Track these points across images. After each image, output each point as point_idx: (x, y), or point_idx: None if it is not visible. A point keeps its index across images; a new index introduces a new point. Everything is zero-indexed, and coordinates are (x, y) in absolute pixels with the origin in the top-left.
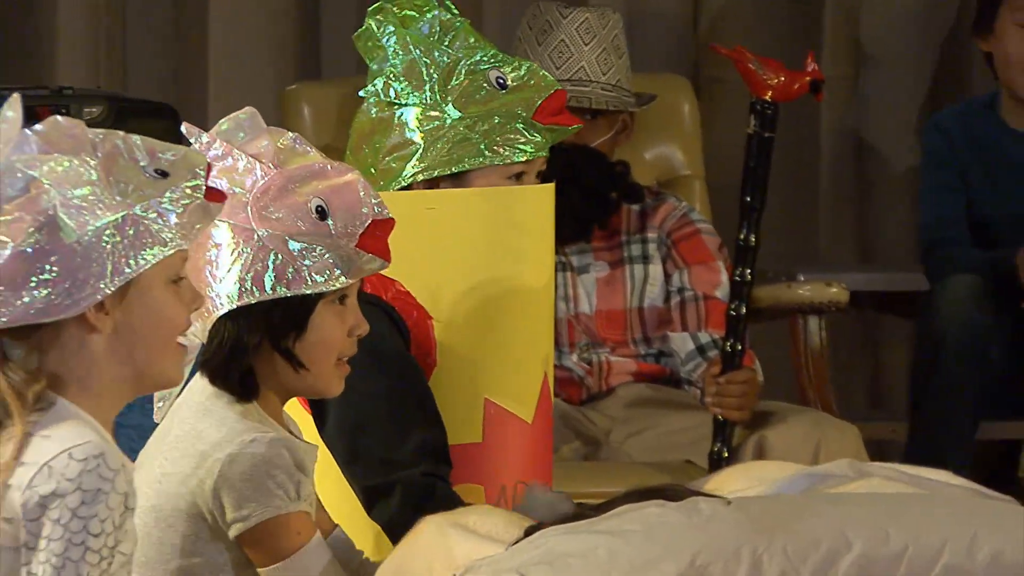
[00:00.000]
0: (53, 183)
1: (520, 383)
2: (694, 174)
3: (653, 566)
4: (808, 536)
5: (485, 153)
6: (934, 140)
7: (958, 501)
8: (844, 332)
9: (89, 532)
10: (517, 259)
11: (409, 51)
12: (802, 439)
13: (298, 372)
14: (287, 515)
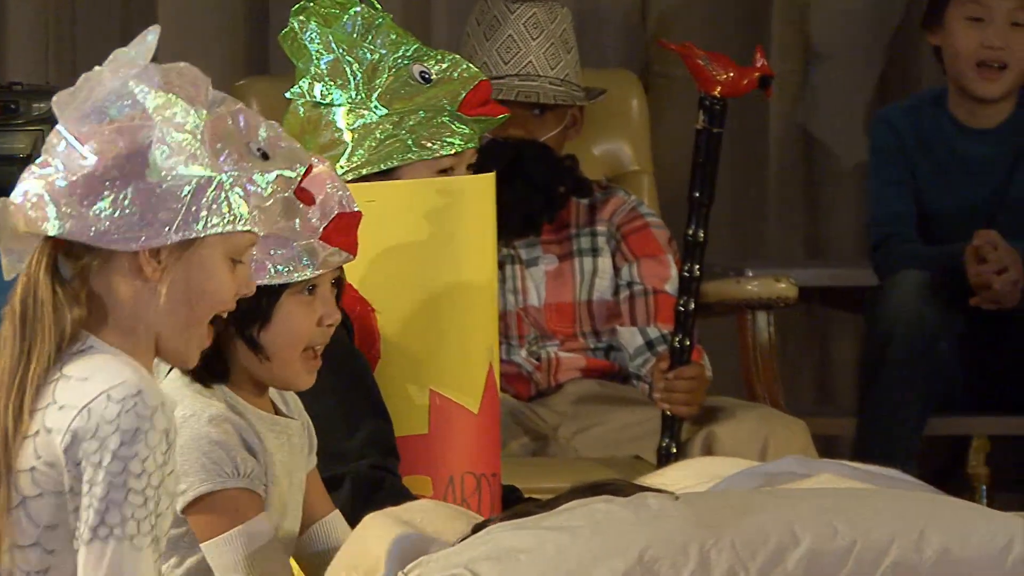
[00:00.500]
0: (158, 119)
1: (465, 373)
2: (643, 169)
3: (601, 562)
4: (756, 531)
5: (413, 148)
6: (882, 135)
7: (906, 497)
8: (792, 327)
9: (131, 472)
10: (459, 249)
11: (332, 50)
12: (750, 435)
13: (262, 362)
14: (224, 491)
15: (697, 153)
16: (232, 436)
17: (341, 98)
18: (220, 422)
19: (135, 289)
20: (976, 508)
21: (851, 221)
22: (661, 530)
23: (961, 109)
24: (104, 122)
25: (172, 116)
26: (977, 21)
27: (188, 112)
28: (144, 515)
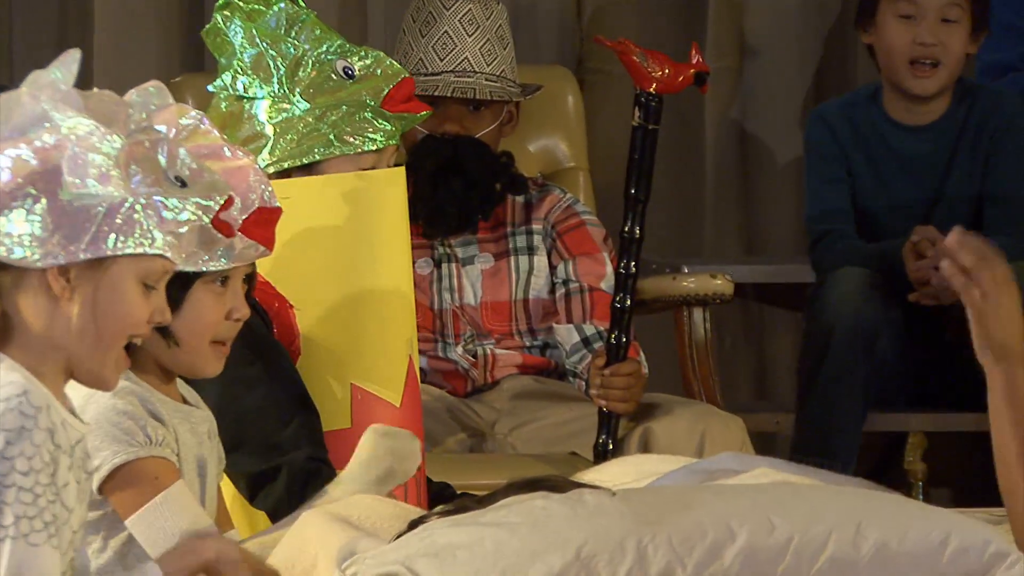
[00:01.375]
0: (73, 139)
1: (386, 367)
2: (578, 166)
3: (539, 558)
4: (694, 527)
5: (335, 143)
6: (818, 133)
7: (844, 493)
8: (729, 324)
9: (17, 471)
10: (373, 243)
11: (256, 44)
12: (687, 431)
13: (171, 349)
14: (139, 461)
15: (633, 150)
16: (138, 407)
17: (263, 92)
18: (125, 394)
19: (45, 309)
20: (913, 504)
21: (787, 218)
22: (598, 526)
23: (896, 106)
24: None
25: (87, 136)
26: (908, 19)
27: (104, 136)
28: (35, 512)
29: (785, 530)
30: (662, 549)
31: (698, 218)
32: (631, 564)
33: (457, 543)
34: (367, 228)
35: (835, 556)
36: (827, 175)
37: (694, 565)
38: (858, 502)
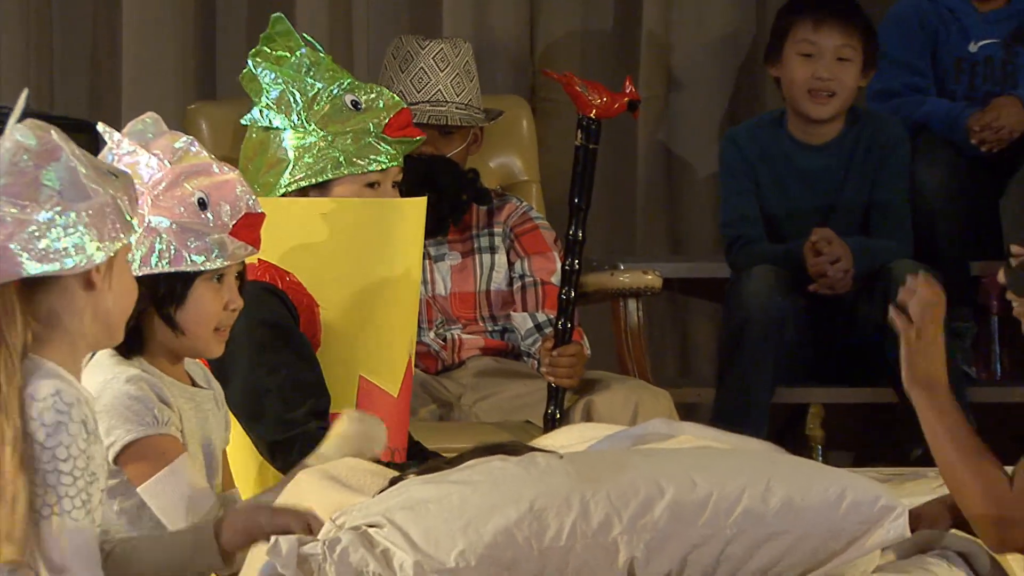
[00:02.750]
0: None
1: (389, 363)
2: (531, 179)
3: (498, 510)
4: (628, 485)
5: (344, 164)
6: (730, 151)
7: (755, 455)
8: (658, 312)
9: (58, 458)
10: (392, 259)
11: (279, 84)
12: (623, 403)
13: (177, 336)
14: (148, 438)
15: (576, 165)
16: (148, 391)
17: (285, 123)
18: (136, 381)
19: (81, 304)
20: (813, 464)
21: (706, 223)
22: (548, 484)
23: (797, 129)
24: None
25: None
26: (809, 56)
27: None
28: (75, 492)
29: (705, 487)
30: (602, 503)
31: (631, 223)
32: (576, 516)
33: (429, 498)
34: (389, 246)
35: (748, 509)
36: (738, 187)
37: (629, 517)
38: (767, 463)
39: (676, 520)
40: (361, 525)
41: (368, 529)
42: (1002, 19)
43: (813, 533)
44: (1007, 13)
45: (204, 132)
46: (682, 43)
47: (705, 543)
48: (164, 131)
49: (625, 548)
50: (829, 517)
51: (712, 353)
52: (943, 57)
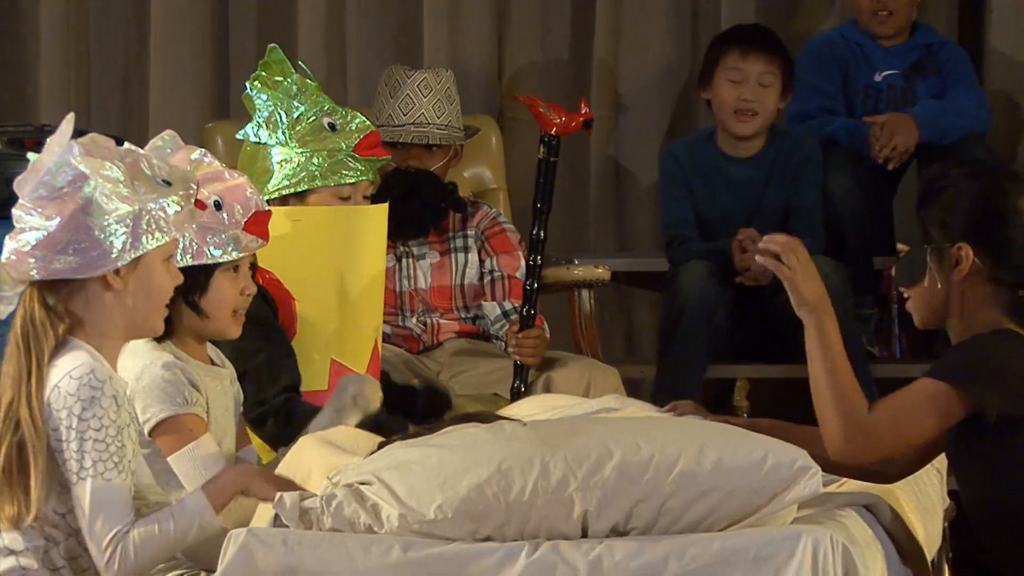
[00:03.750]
0: (94, 175)
1: (356, 347)
2: (499, 187)
3: (471, 470)
4: (582, 448)
5: (319, 177)
6: (669, 164)
7: (690, 423)
8: (607, 301)
9: (92, 428)
10: (358, 258)
11: (270, 106)
12: (577, 378)
13: (202, 320)
14: (177, 416)
15: (539, 176)
16: (180, 376)
17: (272, 139)
18: (171, 367)
19: (106, 299)
20: (740, 431)
21: (648, 224)
22: (514, 447)
23: (726, 144)
24: (54, 193)
25: (103, 169)
26: (736, 82)
27: (111, 166)
28: (107, 456)
29: (648, 450)
30: (559, 464)
31: (584, 224)
32: (537, 475)
33: (412, 459)
34: (355, 246)
35: (684, 470)
36: (675, 194)
37: (582, 476)
38: (701, 429)
39: (623, 478)
40: (354, 483)
41: (360, 486)
42: (902, 53)
43: (740, 490)
44: (906, 48)
45: (219, 147)
46: (627, 71)
47: (648, 498)
48: (181, 146)
49: (580, 502)
50: (754, 476)
51: (653, 335)
52: (852, 85)
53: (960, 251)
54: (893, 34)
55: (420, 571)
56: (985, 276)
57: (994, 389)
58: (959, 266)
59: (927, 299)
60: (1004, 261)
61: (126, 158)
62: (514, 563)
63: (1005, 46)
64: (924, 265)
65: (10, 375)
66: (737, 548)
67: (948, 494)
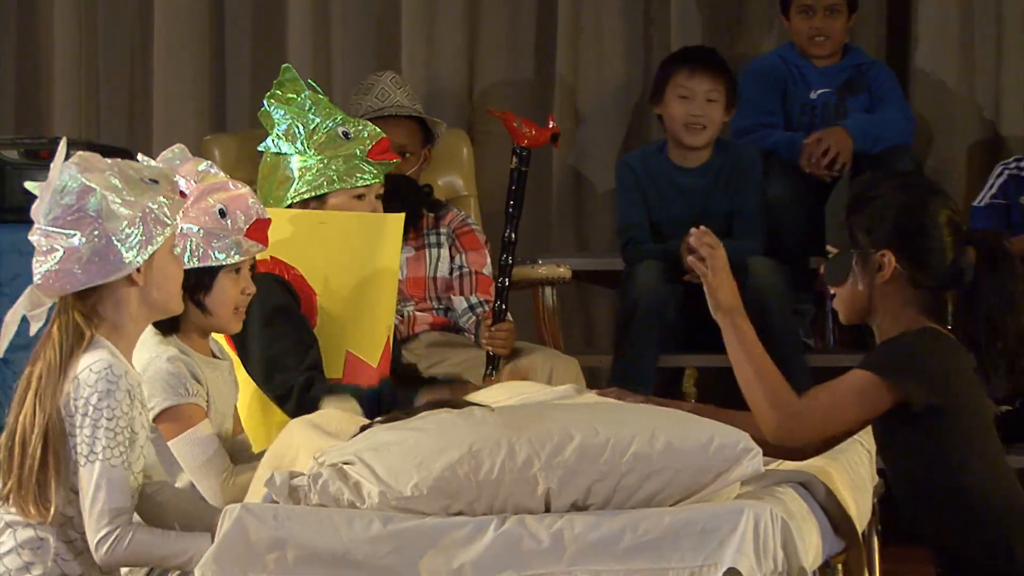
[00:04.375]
0: (99, 187)
1: (370, 340)
2: (470, 194)
3: (444, 451)
4: (545, 431)
5: (336, 181)
6: (624, 173)
7: (643, 408)
8: (568, 297)
9: (105, 416)
10: (375, 260)
11: (288, 120)
12: (541, 367)
13: (206, 316)
14: (179, 406)
15: (511, 183)
16: (183, 369)
17: (292, 149)
18: (175, 360)
19: (128, 294)
20: (689, 415)
21: (606, 227)
22: (483, 431)
23: (676, 155)
24: (66, 211)
25: (107, 182)
26: (685, 98)
27: (111, 176)
28: (115, 444)
29: (605, 434)
30: (525, 446)
31: (547, 227)
32: (504, 456)
33: (391, 441)
34: (373, 249)
35: (637, 451)
36: (630, 200)
37: (545, 456)
38: (653, 414)
39: (582, 459)
40: (338, 463)
41: (343, 466)
42: (834, 73)
43: (688, 469)
44: (838, 68)
45: (217, 157)
46: (586, 88)
47: (604, 477)
48: (189, 158)
49: (543, 481)
50: (701, 456)
51: (610, 328)
52: (790, 102)
53: (883, 257)
54: (828, 55)
55: (398, 542)
56: (905, 280)
57: (920, 381)
58: (882, 271)
59: (851, 299)
60: (924, 268)
61: (115, 167)
62: (483, 535)
63: (928, 66)
64: (849, 268)
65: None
66: (686, 522)
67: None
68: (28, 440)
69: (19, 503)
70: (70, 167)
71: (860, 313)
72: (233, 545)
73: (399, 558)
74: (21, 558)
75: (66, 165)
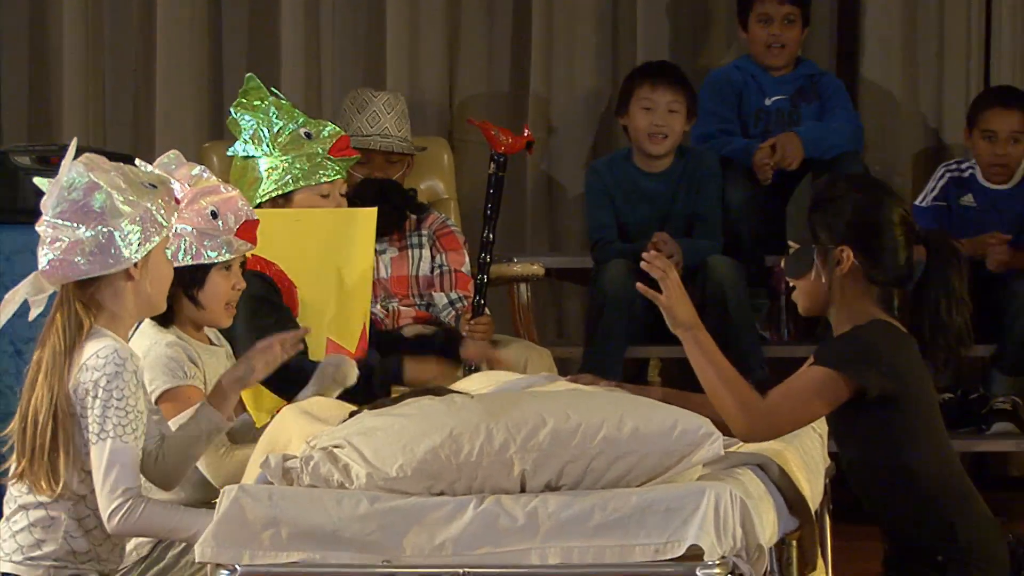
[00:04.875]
0: (104, 184)
1: (349, 328)
2: (450, 197)
3: (427, 435)
4: (520, 417)
5: (301, 178)
6: (593, 178)
7: (612, 395)
8: (542, 293)
9: (115, 397)
10: (350, 253)
11: (253, 125)
12: (517, 357)
13: (199, 311)
14: (178, 387)
15: (489, 187)
16: (181, 354)
17: (259, 152)
18: (173, 346)
19: (126, 288)
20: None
21: (576, 229)
22: (463, 416)
23: (641, 161)
24: (73, 206)
25: (111, 179)
26: (648, 109)
27: (115, 175)
28: (126, 423)
29: (576, 419)
30: (501, 431)
31: (522, 228)
32: (483, 440)
33: (377, 426)
34: (348, 243)
35: (606, 436)
36: (599, 203)
37: (521, 440)
38: (621, 401)
39: (555, 443)
40: (328, 446)
41: (333, 449)
42: (788, 82)
43: (653, 452)
44: (792, 77)
45: (215, 163)
46: (558, 100)
47: (576, 460)
48: (183, 163)
49: (518, 463)
50: (665, 441)
51: (580, 321)
52: (746, 109)
53: (842, 252)
54: (783, 65)
55: (384, 520)
56: (861, 274)
57: (873, 371)
58: (840, 265)
59: (811, 291)
60: (878, 264)
61: (119, 169)
62: (463, 514)
63: (876, 77)
64: (811, 262)
65: (47, 360)
66: (651, 501)
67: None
68: (39, 420)
69: (32, 480)
70: (78, 165)
71: (819, 304)
72: (231, 523)
73: (385, 535)
74: (33, 536)
75: (74, 163)
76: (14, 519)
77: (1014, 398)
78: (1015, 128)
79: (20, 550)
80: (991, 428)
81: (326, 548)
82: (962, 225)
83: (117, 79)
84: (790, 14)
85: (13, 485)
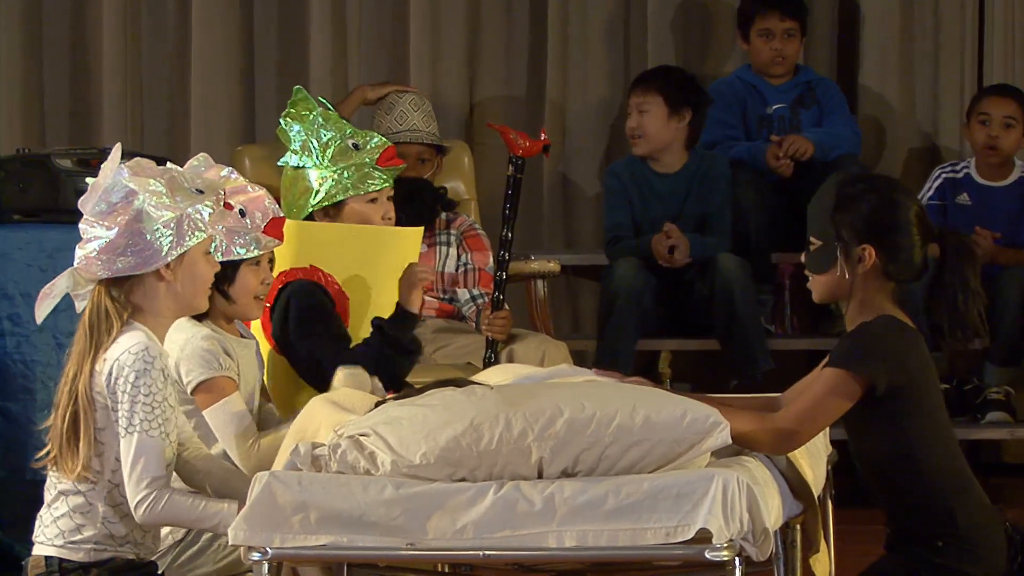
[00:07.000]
0: (142, 191)
1: None
2: (471, 197)
3: (449, 425)
4: (538, 407)
5: (351, 188)
6: (610, 179)
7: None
8: (558, 289)
9: (142, 393)
10: (396, 268)
11: (303, 136)
12: (535, 351)
13: (230, 304)
14: (213, 378)
15: (508, 189)
16: (216, 346)
17: (309, 163)
18: (208, 338)
19: (159, 289)
20: (665, 393)
21: (590, 228)
22: (484, 406)
23: (655, 163)
24: (111, 208)
25: (149, 185)
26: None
27: (155, 183)
28: (152, 418)
29: (591, 409)
30: (520, 420)
31: (539, 227)
32: (502, 428)
33: (402, 416)
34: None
35: (620, 424)
36: (616, 204)
37: (538, 429)
38: (633, 391)
39: (571, 431)
40: (355, 434)
41: (360, 437)
42: (788, 89)
43: (664, 440)
44: (791, 85)
45: (247, 165)
46: (574, 105)
47: (591, 447)
48: (212, 164)
49: (536, 451)
50: (676, 429)
51: (594, 316)
52: (749, 116)
53: (864, 251)
54: (783, 74)
55: (408, 505)
56: (880, 271)
57: (881, 364)
58: (862, 262)
59: (831, 284)
60: (895, 261)
61: (166, 175)
62: (484, 499)
63: (873, 82)
64: (835, 259)
65: (77, 353)
66: (663, 487)
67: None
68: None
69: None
70: (123, 171)
71: (837, 297)
72: (262, 507)
73: (409, 519)
74: (73, 521)
75: (120, 168)
76: (55, 505)
77: (1007, 388)
78: (1009, 113)
79: (61, 535)
80: (985, 417)
81: (353, 532)
82: (958, 223)
83: (153, 87)
84: (790, 28)
85: (52, 472)
